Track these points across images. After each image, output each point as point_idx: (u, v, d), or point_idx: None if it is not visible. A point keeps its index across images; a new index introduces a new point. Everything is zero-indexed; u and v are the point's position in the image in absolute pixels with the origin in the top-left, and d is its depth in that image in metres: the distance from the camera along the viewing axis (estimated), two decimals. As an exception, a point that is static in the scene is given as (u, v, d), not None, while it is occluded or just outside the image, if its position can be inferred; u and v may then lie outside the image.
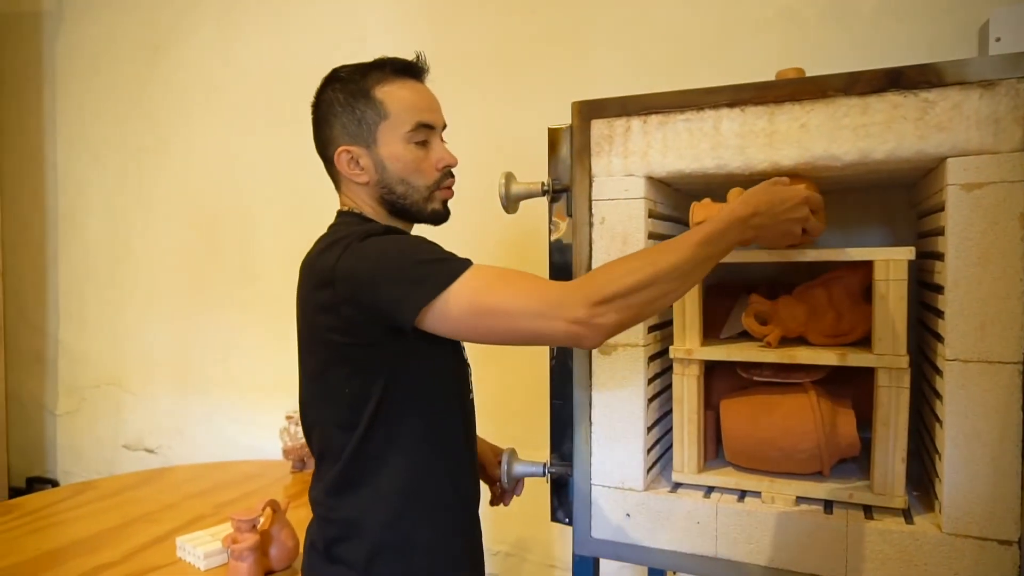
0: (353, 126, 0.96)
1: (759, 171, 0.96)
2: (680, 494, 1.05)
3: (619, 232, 1.04)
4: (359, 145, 0.96)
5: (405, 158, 0.97)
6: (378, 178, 0.97)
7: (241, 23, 2.16)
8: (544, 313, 0.80)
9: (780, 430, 1.00)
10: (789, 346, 1.02)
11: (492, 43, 1.80)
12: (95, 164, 2.43)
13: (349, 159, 0.97)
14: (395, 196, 0.98)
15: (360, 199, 1.00)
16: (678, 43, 1.57)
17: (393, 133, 0.96)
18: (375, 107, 0.96)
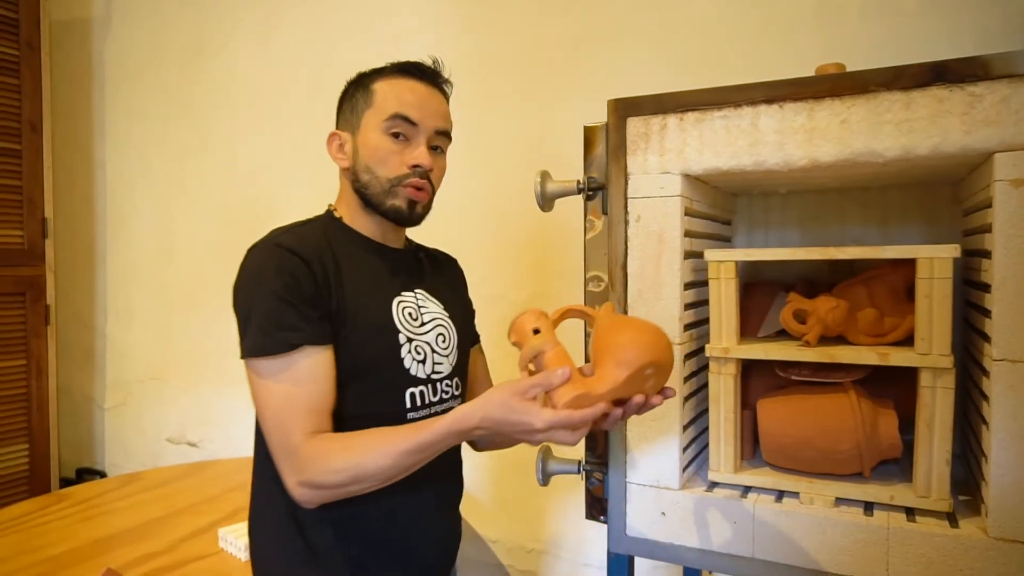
0: (347, 113, 1.01)
1: (798, 167, 0.95)
2: (716, 493, 1.04)
3: (655, 230, 1.04)
4: (347, 131, 1.01)
5: (375, 145, 0.97)
6: (353, 164, 1.00)
7: (281, 27, 2.20)
8: (278, 457, 0.89)
9: (819, 430, 0.98)
10: (829, 345, 1.00)
11: (526, 43, 1.80)
12: (141, 165, 2.50)
13: (338, 144, 1.01)
14: (360, 184, 0.99)
15: (344, 187, 1.04)
16: (714, 40, 1.56)
17: (372, 120, 0.98)
18: (367, 96, 0.99)
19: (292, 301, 0.88)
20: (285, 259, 0.90)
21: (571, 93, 1.74)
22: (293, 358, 0.88)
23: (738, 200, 1.36)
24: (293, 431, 0.87)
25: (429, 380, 1.02)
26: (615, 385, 0.76)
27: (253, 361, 0.89)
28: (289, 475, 0.87)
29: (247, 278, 0.92)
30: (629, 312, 1.05)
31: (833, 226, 1.28)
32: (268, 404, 0.88)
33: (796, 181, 1.12)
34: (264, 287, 0.89)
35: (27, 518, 1.67)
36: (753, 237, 1.36)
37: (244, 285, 0.92)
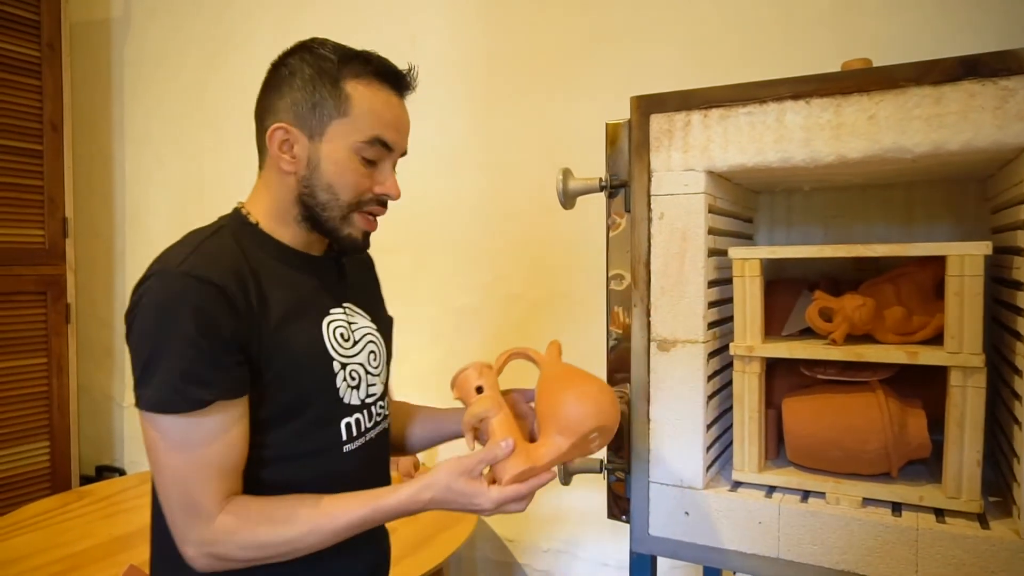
0: (305, 107, 0.83)
1: (825, 164, 0.93)
2: (741, 493, 1.03)
3: (678, 228, 1.03)
4: (301, 130, 0.84)
5: (343, 166, 0.84)
6: (305, 174, 0.85)
7: (298, 27, 2.21)
8: (179, 521, 0.77)
9: (846, 429, 0.97)
10: (855, 344, 0.99)
11: (544, 40, 1.80)
12: (159, 164, 2.52)
13: (284, 140, 0.84)
14: (314, 202, 0.85)
15: (274, 188, 0.87)
16: (735, 36, 1.55)
17: (344, 136, 0.84)
18: (338, 99, 0.83)
19: (205, 348, 0.74)
20: (198, 293, 0.75)
21: (588, 90, 1.74)
22: (203, 416, 0.75)
23: (760, 197, 1.35)
24: (203, 498, 0.76)
25: (363, 406, 0.92)
26: (559, 455, 0.81)
27: (153, 416, 0.75)
28: (192, 544, 0.77)
29: (151, 316, 0.75)
30: (652, 311, 1.05)
31: (856, 224, 1.27)
32: (169, 465, 0.76)
33: (821, 178, 1.11)
34: (172, 329, 0.74)
35: (49, 515, 1.68)
36: (775, 235, 1.35)
37: (147, 324, 0.75)
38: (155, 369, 0.74)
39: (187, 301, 0.75)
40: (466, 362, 0.92)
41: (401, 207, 1.02)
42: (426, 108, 1.98)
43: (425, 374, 2.03)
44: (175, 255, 0.79)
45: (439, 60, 1.95)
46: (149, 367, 0.74)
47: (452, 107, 1.94)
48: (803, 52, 1.46)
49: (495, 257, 1.90)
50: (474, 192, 1.93)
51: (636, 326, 1.07)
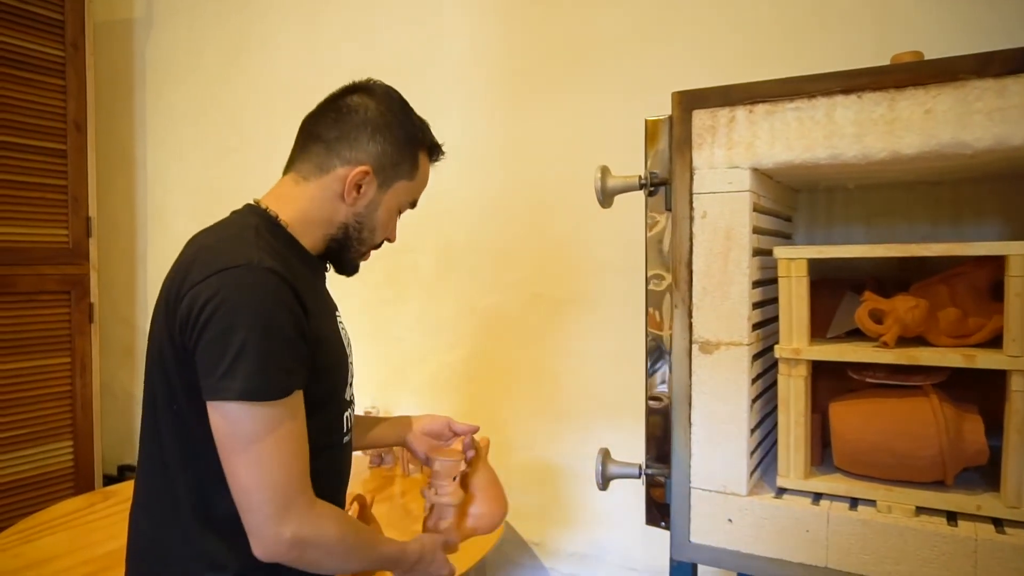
0: (389, 160, 0.94)
1: (878, 160, 0.90)
2: (786, 500, 1.00)
3: (722, 227, 1.00)
4: (377, 177, 0.94)
5: (391, 216, 0.98)
6: (363, 212, 0.95)
7: (321, 26, 2.20)
8: (264, 504, 0.79)
9: (898, 435, 0.94)
10: (907, 346, 0.96)
11: (573, 37, 1.77)
12: (181, 164, 2.52)
13: (360, 181, 0.92)
14: (357, 236, 0.96)
15: (323, 206, 0.93)
16: (772, 31, 1.51)
17: (402, 195, 0.98)
18: (413, 166, 0.97)
19: (291, 338, 0.80)
20: (282, 288, 0.81)
21: (616, 87, 1.71)
22: (291, 402, 0.81)
23: (799, 196, 1.31)
24: (296, 481, 0.81)
25: (352, 401, 1.02)
26: None
27: (241, 406, 0.77)
28: (272, 524, 0.79)
29: (239, 308, 0.78)
30: (694, 313, 1.02)
31: (900, 222, 1.23)
32: (261, 453, 0.78)
33: (869, 175, 1.08)
34: (265, 320, 0.78)
35: (75, 516, 1.68)
36: (814, 234, 1.32)
37: (235, 316, 0.77)
38: (245, 359, 0.76)
39: (274, 295, 0.80)
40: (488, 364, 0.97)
41: (423, 205, 1.05)
42: (449, 105, 1.97)
43: (445, 376, 2.01)
44: (246, 249, 0.81)
45: (463, 57, 1.93)
46: (239, 357, 0.76)
47: (476, 104, 1.92)
48: (843, 47, 1.42)
49: (519, 256, 1.88)
50: (498, 190, 1.91)
51: (677, 328, 1.04)
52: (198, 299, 0.78)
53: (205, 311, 0.78)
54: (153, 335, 0.87)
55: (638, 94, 1.65)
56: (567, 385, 1.83)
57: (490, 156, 1.91)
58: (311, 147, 0.94)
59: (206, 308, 0.78)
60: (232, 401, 0.77)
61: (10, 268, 2.16)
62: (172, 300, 0.82)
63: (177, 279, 0.83)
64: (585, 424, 1.80)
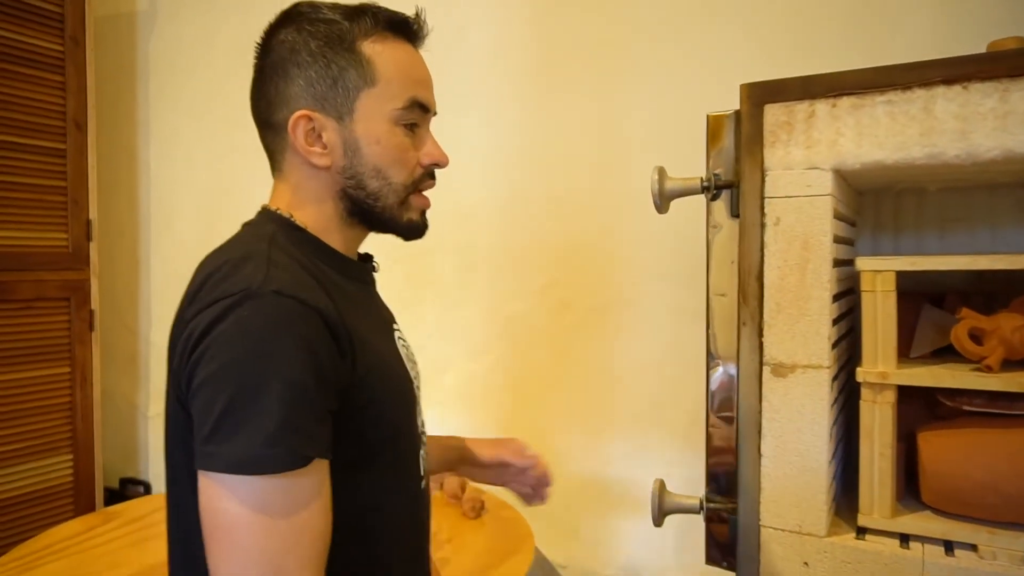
0: (324, 86, 0.70)
1: (986, 160, 0.79)
2: (871, 541, 0.89)
3: (798, 234, 0.89)
4: (327, 114, 0.70)
5: (387, 142, 0.72)
6: (345, 164, 0.71)
7: (333, 17, 2.09)
8: None
9: (1006, 472, 0.83)
10: (1014, 370, 0.85)
11: (601, 29, 1.66)
12: (187, 165, 2.41)
13: (309, 130, 0.70)
14: (364, 193, 0.73)
15: (308, 189, 0.73)
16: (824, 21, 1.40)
17: (379, 107, 0.71)
18: (360, 67, 0.70)
19: (311, 390, 0.59)
20: (302, 320, 0.61)
21: (650, 82, 1.60)
22: (300, 476, 0.58)
23: (863, 199, 1.20)
24: None
25: (423, 433, 0.81)
26: None
27: (232, 479, 0.56)
28: None
29: (241, 347, 0.58)
30: (765, 331, 0.91)
31: (980, 228, 1.12)
32: (252, 543, 0.57)
33: (962, 177, 0.97)
34: (270, 366, 0.58)
35: (74, 541, 1.57)
36: (880, 241, 1.21)
37: (233, 357, 0.58)
38: (243, 417, 0.56)
39: (289, 329, 0.59)
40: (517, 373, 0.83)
41: (444, 205, 0.90)
42: (472, 102, 1.86)
43: (469, 385, 1.90)
44: (250, 271, 0.62)
45: (487, 51, 1.82)
46: (234, 414, 0.57)
47: (500, 100, 1.81)
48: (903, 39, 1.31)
49: (547, 261, 1.77)
50: (524, 191, 1.80)
51: (744, 347, 0.93)
52: (191, 337, 0.60)
53: (195, 353, 0.60)
54: (167, 389, 0.69)
55: (676, 89, 1.54)
56: (601, 397, 1.72)
57: (516, 153, 1.80)
58: (263, 139, 0.77)
59: (197, 349, 0.60)
60: (214, 473, 0.57)
61: (7, 274, 2.06)
62: (172, 340, 0.67)
63: (178, 313, 0.68)
64: (627, 438, 1.69)
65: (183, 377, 0.61)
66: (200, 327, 0.60)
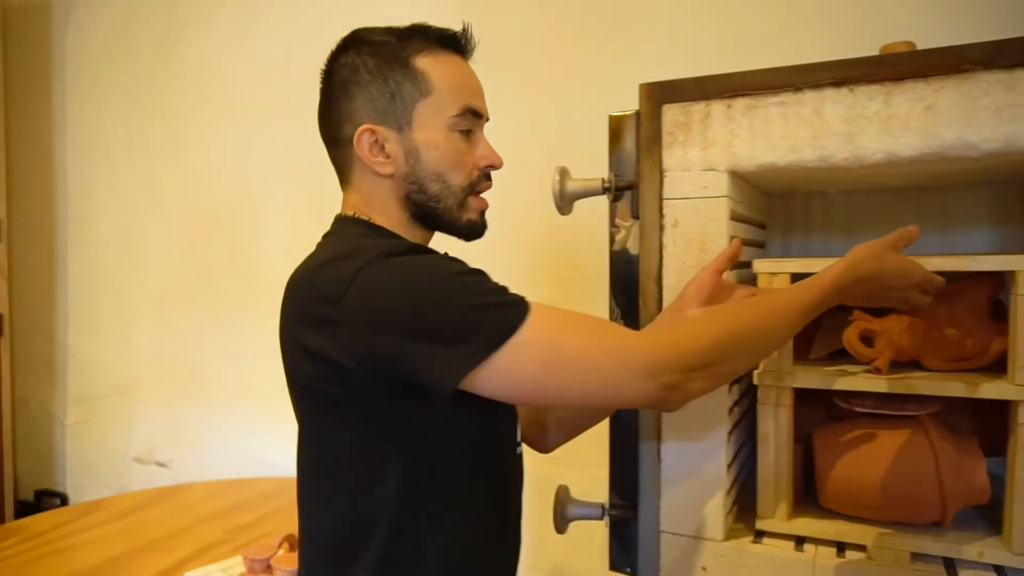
0: (383, 100, 0.77)
1: (871, 163, 0.80)
2: (767, 544, 0.89)
3: (695, 236, 0.88)
4: (387, 126, 0.77)
5: (445, 148, 0.78)
6: (407, 170, 0.78)
7: (256, 14, 2.03)
8: (628, 370, 0.66)
9: (891, 472, 0.84)
10: (902, 371, 0.86)
11: (533, 26, 1.64)
12: (106, 163, 2.31)
13: (373, 142, 0.77)
14: (426, 197, 0.79)
15: (376, 197, 0.80)
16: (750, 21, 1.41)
17: (435, 115, 0.78)
18: (415, 80, 0.77)
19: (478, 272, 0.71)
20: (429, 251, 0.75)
21: (588, 79, 1.58)
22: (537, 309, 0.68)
23: (775, 201, 1.21)
24: (624, 333, 0.70)
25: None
26: None
27: (516, 340, 0.64)
28: (660, 373, 0.65)
29: (413, 284, 0.67)
30: (665, 332, 0.90)
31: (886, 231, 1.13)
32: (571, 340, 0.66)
33: (859, 180, 0.98)
34: (445, 270, 0.70)
35: (-29, 558, 1.48)
36: (790, 244, 1.22)
37: (419, 292, 0.67)
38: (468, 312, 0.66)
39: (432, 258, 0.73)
40: None
41: None
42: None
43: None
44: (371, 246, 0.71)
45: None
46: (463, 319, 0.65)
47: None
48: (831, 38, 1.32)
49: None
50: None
51: (645, 350, 0.92)
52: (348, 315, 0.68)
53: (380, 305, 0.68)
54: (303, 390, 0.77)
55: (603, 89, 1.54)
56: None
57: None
58: (331, 155, 0.83)
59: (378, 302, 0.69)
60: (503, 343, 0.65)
61: (-96, 276, 1.94)
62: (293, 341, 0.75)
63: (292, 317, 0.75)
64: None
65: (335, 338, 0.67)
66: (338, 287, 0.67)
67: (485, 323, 0.65)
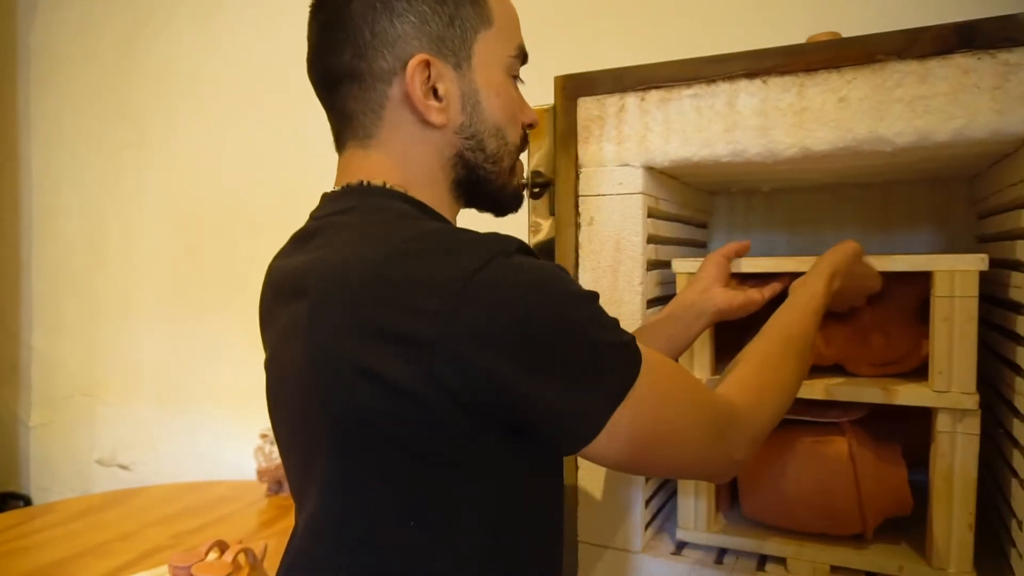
0: (440, 23, 0.58)
1: (785, 158, 0.76)
2: (686, 556, 0.85)
3: (610, 235, 0.85)
4: (444, 59, 0.58)
5: (506, 95, 0.62)
6: (463, 120, 0.60)
7: (225, 9, 2.00)
8: (716, 444, 0.56)
9: (811, 483, 0.80)
10: (824, 376, 0.82)
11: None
12: (72, 162, 2.29)
13: (424, 79, 0.58)
14: (484, 156, 0.61)
15: (415, 157, 0.60)
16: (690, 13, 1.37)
17: (494, 53, 0.60)
18: (476, 4, 0.60)
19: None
20: None
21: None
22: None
23: (716, 199, 1.17)
24: (710, 396, 0.58)
25: None
26: None
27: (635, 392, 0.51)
28: (737, 447, 0.57)
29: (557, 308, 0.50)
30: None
31: (827, 230, 1.10)
32: (675, 400, 0.54)
33: (784, 176, 0.94)
34: (579, 295, 0.53)
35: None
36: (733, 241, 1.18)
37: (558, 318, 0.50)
38: (604, 348, 0.51)
39: (559, 271, 0.54)
40: None
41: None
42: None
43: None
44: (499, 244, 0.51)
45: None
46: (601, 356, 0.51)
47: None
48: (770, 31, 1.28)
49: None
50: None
51: (562, 353, 0.88)
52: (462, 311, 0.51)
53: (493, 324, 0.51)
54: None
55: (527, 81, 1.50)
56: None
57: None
58: (338, 101, 0.61)
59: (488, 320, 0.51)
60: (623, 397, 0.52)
61: None
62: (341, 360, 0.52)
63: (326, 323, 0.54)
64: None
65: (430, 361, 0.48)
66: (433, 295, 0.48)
67: (616, 365, 0.51)
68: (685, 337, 0.78)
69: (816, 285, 0.70)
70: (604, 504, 0.86)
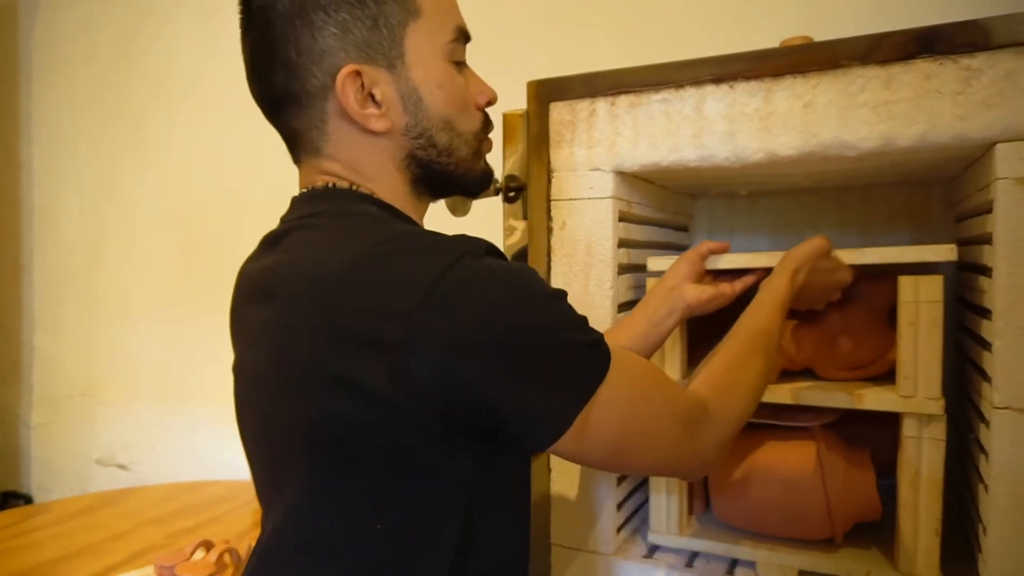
0: (363, 29, 0.56)
1: (753, 163, 0.76)
2: (657, 560, 0.86)
3: (582, 239, 0.85)
4: (375, 64, 0.57)
5: (449, 84, 0.60)
6: (408, 121, 0.59)
7: (225, 9, 2.01)
8: (686, 441, 0.57)
9: (780, 488, 0.80)
10: (793, 380, 0.82)
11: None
12: (72, 162, 2.31)
13: (359, 88, 0.57)
14: (436, 152, 0.61)
15: (365, 165, 0.60)
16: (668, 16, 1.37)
17: (429, 43, 0.59)
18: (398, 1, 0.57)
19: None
20: None
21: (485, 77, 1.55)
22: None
23: (698, 203, 1.17)
24: (680, 394, 0.58)
25: None
26: None
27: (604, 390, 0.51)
28: (706, 446, 0.58)
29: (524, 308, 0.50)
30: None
31: (807, 232, 1.09)
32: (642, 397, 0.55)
33: (757, 180, 0.94)
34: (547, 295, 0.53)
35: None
36: (713, 243, 1.18)
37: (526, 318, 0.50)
38: (569, 347, 0.51)
39: (528, 270, 0.55)
40: None
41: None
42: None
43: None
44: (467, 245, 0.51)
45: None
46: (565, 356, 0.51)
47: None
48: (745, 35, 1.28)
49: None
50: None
51: (536, 357, 0.89)
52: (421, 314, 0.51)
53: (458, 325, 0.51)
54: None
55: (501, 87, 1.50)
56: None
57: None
58: (282, 120, 0.61)
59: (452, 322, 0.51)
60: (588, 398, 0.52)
61: None
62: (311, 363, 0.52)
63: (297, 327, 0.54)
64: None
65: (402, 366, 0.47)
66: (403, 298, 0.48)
67: (585, 363, 0.52)
68: (657, 334, 0.78)
69: (779, 280, 0.71)
70: (577, 507, 0.87)
